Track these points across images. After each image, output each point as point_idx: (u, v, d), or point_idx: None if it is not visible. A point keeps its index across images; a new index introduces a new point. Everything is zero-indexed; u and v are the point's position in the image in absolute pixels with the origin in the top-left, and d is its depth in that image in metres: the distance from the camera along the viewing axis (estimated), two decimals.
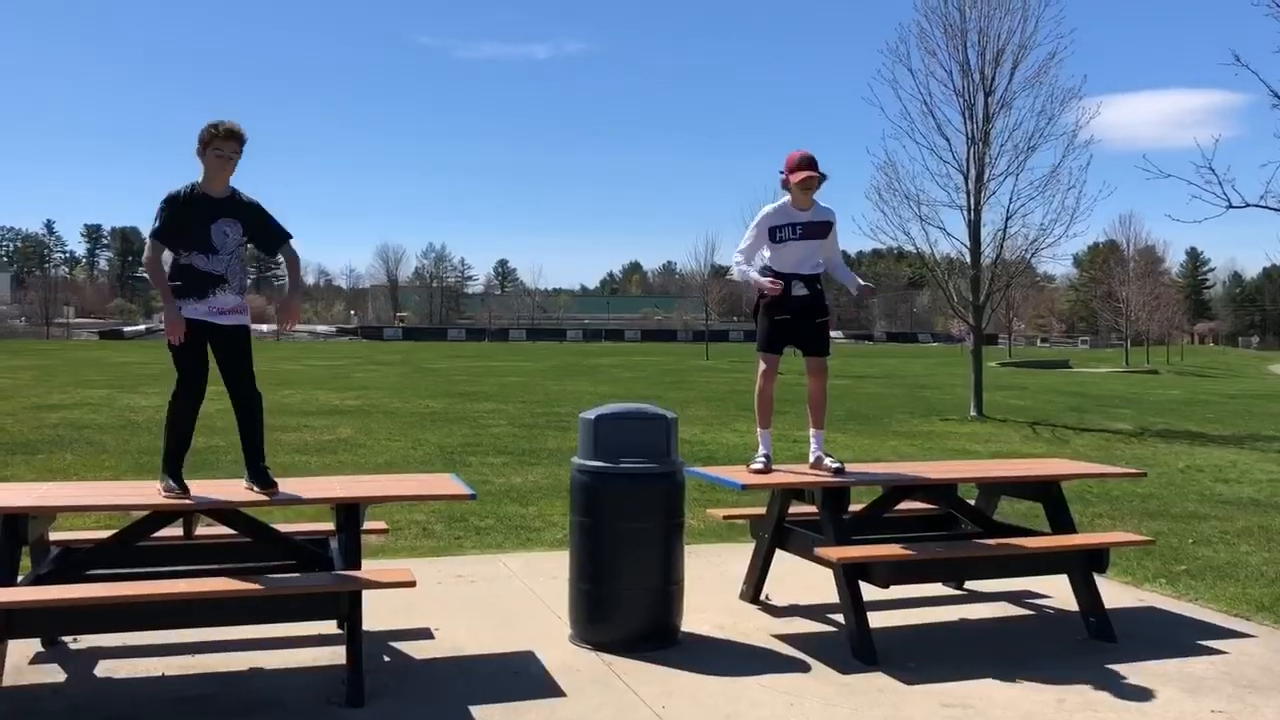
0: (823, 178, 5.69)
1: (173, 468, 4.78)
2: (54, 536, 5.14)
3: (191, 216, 4.75)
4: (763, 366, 5.85)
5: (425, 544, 7.53)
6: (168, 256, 4.81)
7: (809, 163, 5.65)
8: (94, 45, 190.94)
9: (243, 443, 4.94)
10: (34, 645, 5.00)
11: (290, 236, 5.02)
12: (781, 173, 5.78)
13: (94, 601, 4.27)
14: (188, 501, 4.70)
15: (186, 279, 4.78)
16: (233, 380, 4.88)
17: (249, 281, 5.02)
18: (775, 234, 5.77)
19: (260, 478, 4.84)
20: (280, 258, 5.07)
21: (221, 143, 4.74)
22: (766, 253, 5.85)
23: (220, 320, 4.83)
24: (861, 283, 6.00)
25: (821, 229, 5.80)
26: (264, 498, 4.79)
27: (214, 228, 4.78)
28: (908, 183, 19.99)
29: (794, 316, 5.80)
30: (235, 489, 4.91)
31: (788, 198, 5.79)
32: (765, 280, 5.70)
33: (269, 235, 4.97)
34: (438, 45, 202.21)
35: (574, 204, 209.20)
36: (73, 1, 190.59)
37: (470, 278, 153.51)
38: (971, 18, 19.64)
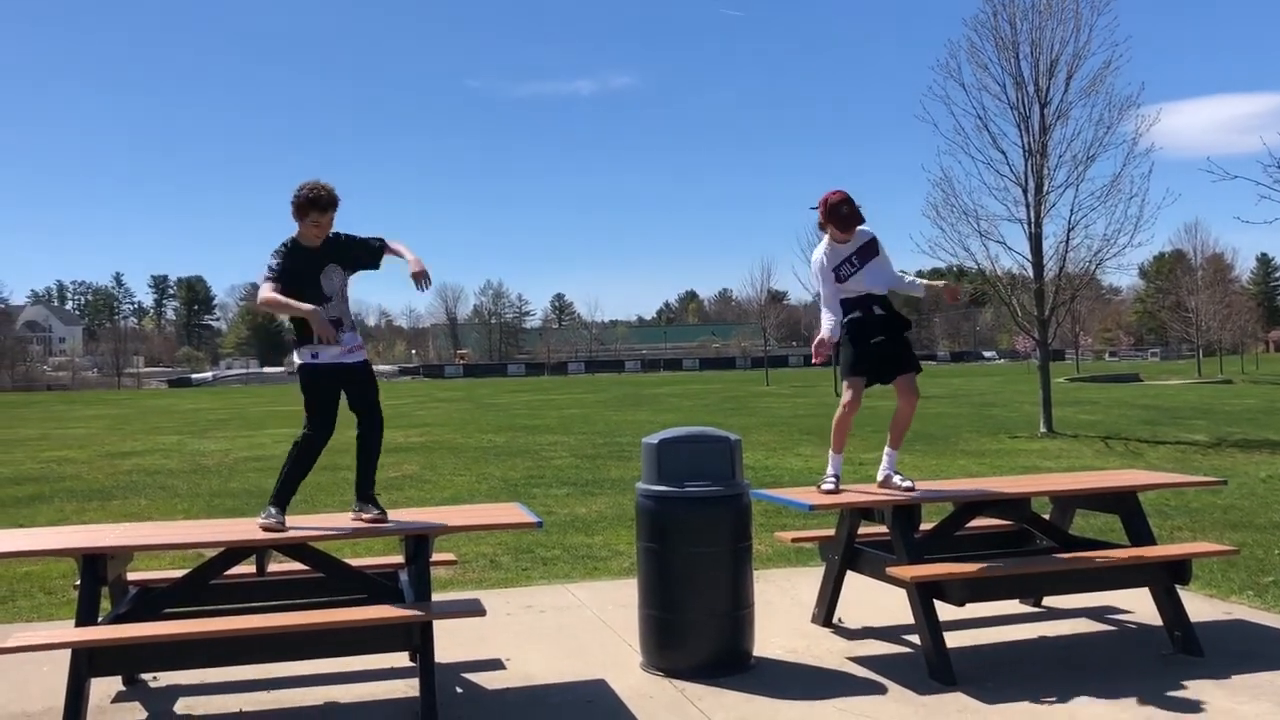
0: (853, 217, 5.66)
1: (280, 499, 4.89)
2: (131, 577, 5.23)
3: (298, 268, 4.90)
4: (849, 394, 5.75)
5: (493, 575, 7.55)
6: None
7: (841, 219, 5.65)
8: (155, 98, 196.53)
9: (358, 470, 5.09)
10: (115, 684, 5.08)
11: (383, 240, 5.10)
12: (814, 207, 5.78)
13: (172, 638, 4.33)
14: (257, 538, 4.75)
15: (307, 327, 4.92)
16: (362, 408, 5.03)
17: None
18: (840, 274, 5.75)
19: (370, 504, 4.99)
20: (387, 263, 5.17)
21: (320, 215, 4.84)
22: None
23: (348, 360, 4.99)
24: (929, 284, 6.04)
25: (871, 248, 5.78)
26: (351, 528, 4.92)
27: (321, 277, 4.94)
28: (965, 198, 19.80)
29: (886, 336, 5.75)
30: (305, 523, 4.96)
31: (826, 237, 5.79)
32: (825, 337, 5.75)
33: (368, 255, 5.07)
34: (485, 87, 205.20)
35: (628, 235, 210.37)
36: (134, 55, 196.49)
37: (528, 313, 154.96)
38: (1023, 30, 19.47)
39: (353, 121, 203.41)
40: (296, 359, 5.02)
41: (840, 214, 5.63)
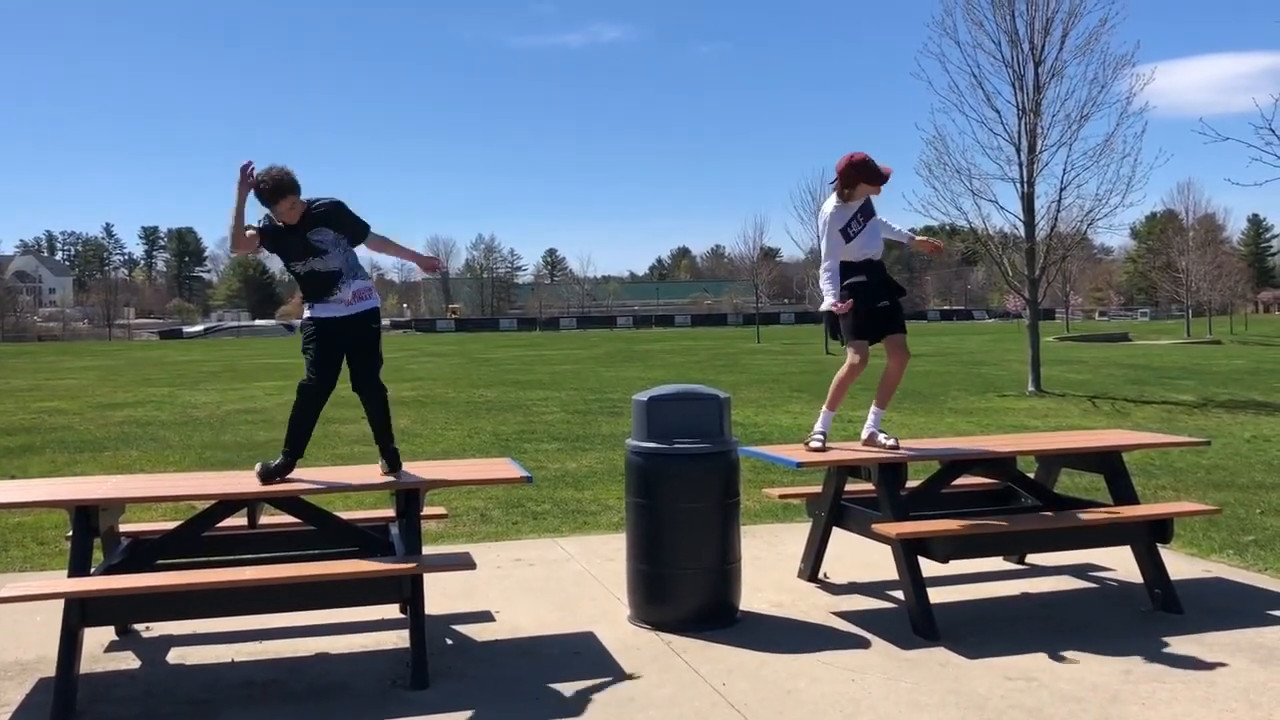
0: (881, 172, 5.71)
1: (289, 443, 4.89)
2: (123, 528, 5.27)
3: (280, 235, 4.88)
4: (856, 358, 5.70)
5: (483, 529, 7.61)
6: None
7: (873, 173, 5.64)
8: (145, 51, 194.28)
9: (372, 428, 5.06)
10: (108, 634, 5.14)
11: (369, 227, 5.02)
12: (834, 183, 5.74)
13: (165, 589, 4.37)
14: (250, 490, 4.78)
15: (310, 284, 4.92)
16: (359, 384, 5.00)
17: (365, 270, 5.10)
18: (848, 231, 5.74)
19: (391, 459, 4.99)
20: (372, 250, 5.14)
21: (271, 207, 4.77)
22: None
23: (349, 311, 4.95)
24: (915, 238, 6.09)
25: (869, 208, 5.80)
26: (342, 481, 4.95)
27: (309, 236, 4.89)
28: (958, 156, 19.71)
29: (891, 301, 5.79)
30: (297, 477, 4.98)
31: (834, 196, 5.76)
32: (838, 303, 5.64)
33: (352, 233, 5.00)
34: (476, 39, 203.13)
35: (620, 191, 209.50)
36: (125, 10, 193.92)
37: (520, 268, 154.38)
38: None
39: (341, 72, 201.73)
40: (306, 312, 5.01)
41: (873, 168, 5.63)
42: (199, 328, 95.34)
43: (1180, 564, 6.26)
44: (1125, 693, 4.30)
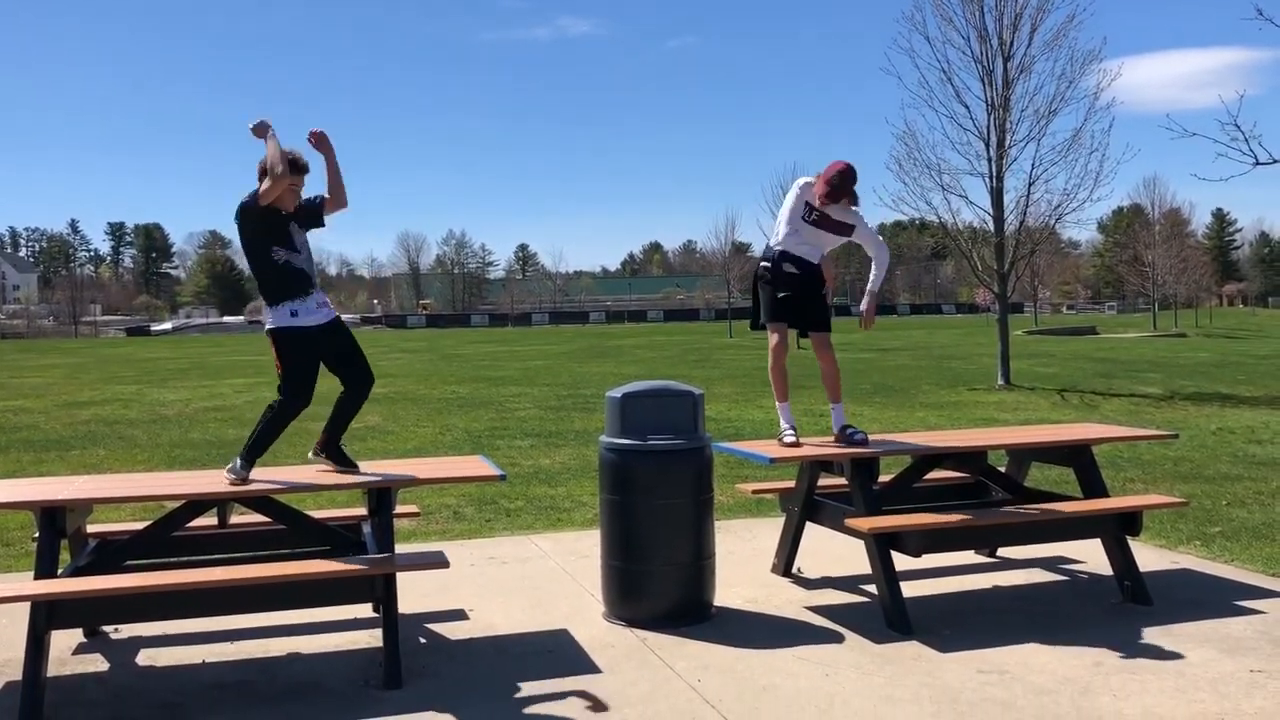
0: (840, 191, 5.70)
1: (250, 456, 4.82)
2: (90, 529, 5.20)
3: (272, 220, 4.82)
4: (774, 339, 5.85)
5: (457, 527, 7.58)
6: None
7: (836, 193, 5.68)
8: (112, 42, 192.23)
9: (335, 422, 5.05)
10: (76, 636, 5.08)
11: (322, 195, 4.99)
12: (815, 181, 5.80)
13: (133, 591, 4.32)
14: (219, 490, 4.73)
15: (287, 277, 4.82)
16: (349, 367, 5.01)
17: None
18: (809, 211, 5.79)
19: (341, 457, 4.98)
20: (328, 214, 5.04)
21: (297, 178, 4.79)
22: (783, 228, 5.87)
23: (329, 317, 4.95)
24: (863, 308, 6.04)
25: (839, 228, 5.83)
26: (314, 481, 4.90)
27: (290, 230, 4.86)
28: (928, 152, 19.84)
29: (792, 293, 5.83)
30: (267, 476, 4.94)
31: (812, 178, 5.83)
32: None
33: (314, 211, 4.97)
34: (444, 34, 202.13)
35: (592, 186, 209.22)
36: (90, 7, 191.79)
37: (491, 263, 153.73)
38: None
39: (308, 67, 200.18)
40: (270, 320, 4.84)
41: (832, 184, 5.67)
42: (167, 325, 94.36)
43: (1149, 556, 6.32)
44: (1096, 684, 4.34)
